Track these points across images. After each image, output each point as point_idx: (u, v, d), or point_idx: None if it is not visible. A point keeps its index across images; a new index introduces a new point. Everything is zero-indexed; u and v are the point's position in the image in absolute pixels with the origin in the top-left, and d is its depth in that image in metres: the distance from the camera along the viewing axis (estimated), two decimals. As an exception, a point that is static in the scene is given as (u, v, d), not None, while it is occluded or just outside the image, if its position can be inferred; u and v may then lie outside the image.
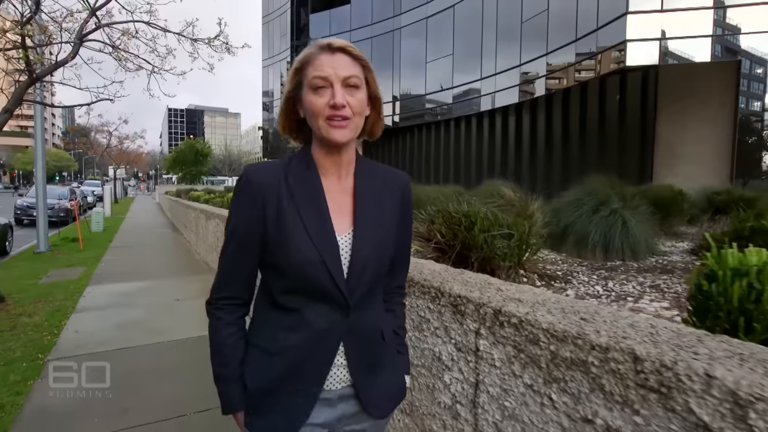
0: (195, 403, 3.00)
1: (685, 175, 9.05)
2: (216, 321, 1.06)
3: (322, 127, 0.98)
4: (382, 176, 1.14)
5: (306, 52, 1.03)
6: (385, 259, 1.09)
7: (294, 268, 0.98)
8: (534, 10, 12.24)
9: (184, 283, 6.64)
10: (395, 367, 1.16)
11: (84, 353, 3.87)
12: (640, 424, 1.05)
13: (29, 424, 2.76)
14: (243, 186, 1.02)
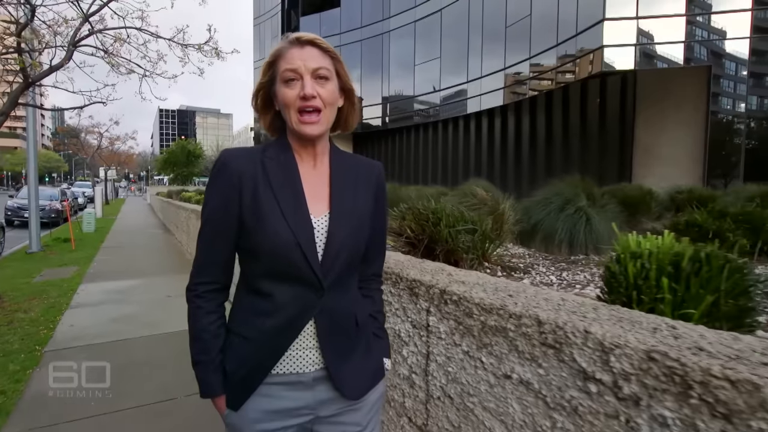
0: (185, 388, 3.23)
1: (661, 175, 9.40)
2: (196, 309, 1.08)
3: (294, 121, 1.02)
4: (356, 164, 1.17)
5: (277, 47, 1.07)
6: (360, 243, 1.11)
7: (269, 250, 1.00)
8: (518, 16, 12.58)
9: (175, 281, 6.83)
10: (371, 351, 1.18)
11: (80, 344, 4.08)
12: (543, 375, 1.31)
13: (30, 408, 2.97)
14: (219, 170, 1.04)
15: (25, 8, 5.12)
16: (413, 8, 17.53)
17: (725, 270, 1.38)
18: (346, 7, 22.00)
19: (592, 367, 1.17)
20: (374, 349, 1.20)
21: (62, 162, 79.15)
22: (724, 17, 8.97)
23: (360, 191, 1.14)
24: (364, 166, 1.18)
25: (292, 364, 1.05)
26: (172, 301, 5.63)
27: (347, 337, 1.11)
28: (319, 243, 1.04)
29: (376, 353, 1.20)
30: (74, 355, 3.85)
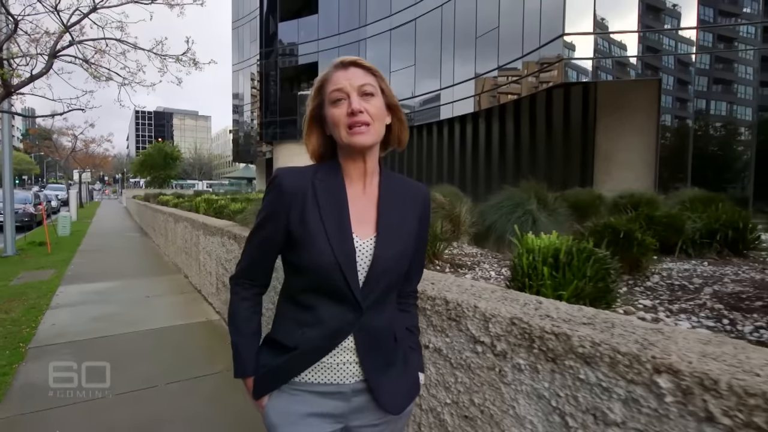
0: (165, 377, 3.53)
1: (619, 180, 10.05)
2: (234, 296, 1.19)
3: (343, 134, 1.06)
4: (404, 187, 1.21)
5: (323, 73, 1.12)
6: (403, 265, 1.16)
7: (311, 269, 1.06)
8: (487, 27, 13.14)
9: (153, 283, 7.05)
10: (407, 365, 1.22)
11: (62, 341, 4.32)
12: (449, 343, 1.69)
13: (17, 397, 3.22)
14: (273, 186, 1.10)
15: (8, 22, 5.33)
16: (389, 17, 18.05)
17: (590, 261, 1.80)
18: (324, 14, 22.40)
19: (479, 333, 1.55)
20: (410, 362, 1.24)
21: (33, 164, 77.10)
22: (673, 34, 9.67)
23: (406, 214, 1.17)
24: (412, 188, 1.22)
25: (332, 375, 1.10)
26: (151, 301, 5.87)
27: (386, 352, 1.15)
28: (363, 264, 1.08)
29: (412, 367, 1.25)
30: (57, 350, 4.10)
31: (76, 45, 6.11)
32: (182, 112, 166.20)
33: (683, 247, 4.22)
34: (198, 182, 72.33)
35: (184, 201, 10.87)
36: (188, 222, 7.23)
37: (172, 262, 8.84)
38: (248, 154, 34.77)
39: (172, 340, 4.45)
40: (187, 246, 7.36)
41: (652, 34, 9.60)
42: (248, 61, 31.21)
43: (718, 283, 3.21)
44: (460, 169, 15.85)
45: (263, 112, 27.69)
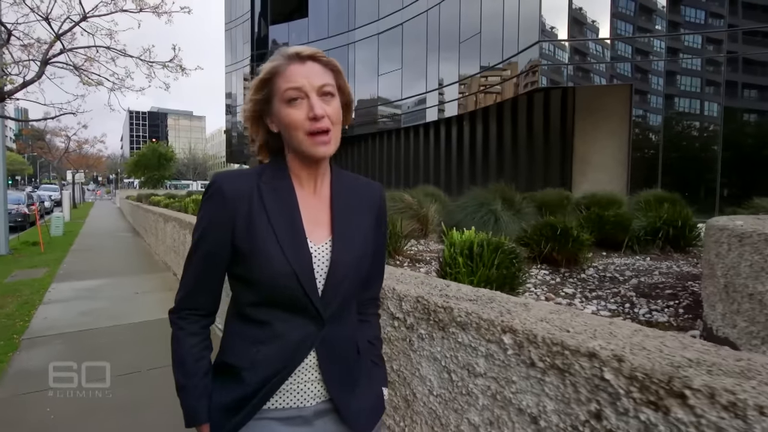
0: (147, 363, 3.85)
1: (594, 181, 10.44)
2: (179, 331, 1.03)
3: (304, 141, 0.95)
4: (357, 186, 1.12)
5: (274, 63, 0.98)
6: (363, 269, 1.06)
7: (265, 281, 0.95)
8: (470, 32, 13.54)
9: (143, 280, 7.34)
10: (371, 381, 1.13)
11: (54, 333, 4.62)
12: (384, 318, 2.01)
13: (13, 381, 3.52)
14: (212, 194, 0.98)
15: (1, 32, 5.61)
16: (376, 21, 18.49)
17: (497, 252, 2.13)
18: (314, 18, 22.84)
19: (395, 310, 1.88)
20: (374, 378, 1.15)
21: (26, 164, 76.90)
22: (644, 41, 10.08)
23: (362, 215, 1.08)
24: (365, 187, 1.13)
25: (291, 397, 0.99)
26: (139, 298, 6.17)
27: (350, 367, 1.06)
28: (320, 272, 0.99)
29: (376, 382, 1.15)
30: (48, 341, 4.40)
31: (67, 53, 6.40)
32: (177, 113, 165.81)
33: (629, 244, 4.59)
34: (192, 182, 72.28)
35: (175, 201, 11.14)
36: (176, 222, 7.52)
37: (162, 261, 9.12)
38: (241, 155, 35.04)
39: (157, 332, 4.75)
40: (175, 245, 7.65)
41: (623, 41, 10.02)
42: (241, 62, 31.49)
43: (645, 276, 3.59)
44: (445, 171, 16.25)
45: (255, 114, 27.94)
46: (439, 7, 15.14)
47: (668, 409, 1.00)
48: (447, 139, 16.25)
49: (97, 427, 2.85)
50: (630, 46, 10.15)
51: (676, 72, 9.96)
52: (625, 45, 10.15)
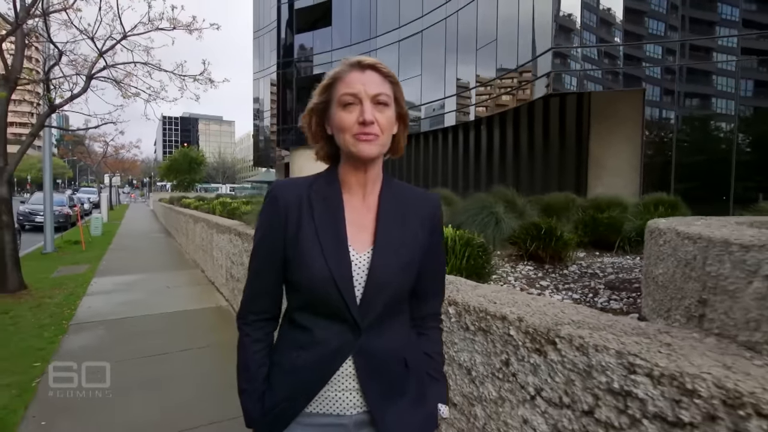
0: (176, 346, 4.35)
1: (609, 185, 10.55)
2: (245, 337, 1.08)
3: (349, 141, 0.98)
4: (408, 197, 1.11)
5: (336, 69, 1.03)
6: (406, 280, 1.05)
7: (305, 285, 0.99)
8: (486, 39, 13.82)
9: (174, 276, 7.95)
10: (422, 395, 1.09)
11: (97, 320, 5.20)
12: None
13: (64, 356, 4.07)
14: (269, 202, 1.04)
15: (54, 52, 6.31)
16: (397, 29, 18.98)
17: (467, 246, 2.50)
18: (338, 26, 23.55)
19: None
20: (428, 393, 1.12)
21: (67, 168, 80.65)
22: (656, 46, 10.17)
23: (410, 225, 1.07)
24: (418, 198, 1.12)
25: (331, 405, 1.02)
26: (170, 291, 6.74)
27: (393, 379, 1.04)
28: (359, 280, 0.99)
29: (431, 398, 1.13)
30: (93, 327, 4.97)
31: (109, 68, 7.06)
32: (207, 118, 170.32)
33: (621, 244, 4.85)
34: (221, 186, 74.11)
35: (204, 204, 11.81)
36: (205, 222, 8.11)
37: (191, 259, 9.76)
38: (268, 159, 36.05)
39: (186, 320, 5.28)
40: (203, 244, 8.25)
41: (635, 46, 10.13)
42: (268, 69, 32.48)
43: (625, 273, 3.88)
44: (463, 174, 16.52)
45: (280, 119, 28.88)
46: (457, 15, 15.48)
47: (546, 353, 1.36)
48: (465, 144, 16.54)
49: (138, 395, 3.34)
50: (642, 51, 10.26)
51: (688, 77, 10.00)
52: (638, 50, 10.26)
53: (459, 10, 15.36)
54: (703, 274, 1.35)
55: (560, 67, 10.52)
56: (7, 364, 3.87)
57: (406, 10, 18.69)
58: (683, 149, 9.93)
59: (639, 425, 1.09)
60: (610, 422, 1.17)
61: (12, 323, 5.10)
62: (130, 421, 2.94)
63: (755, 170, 9.20)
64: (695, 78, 9.92)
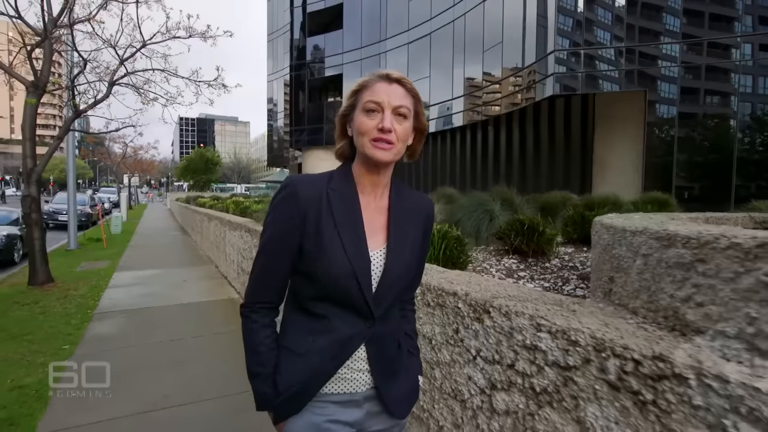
0: (191, 332, 4.73)
1: (612, 184, 10.70)
2: (253, 324, 1.12)
3: (366, 145, 1.05)
4: (412, 199, 1.21)
5: (365, 78, 1.10)
6: (411, 275, 1.19)
7: (327, 279, 1.04)
8: (492, 42, 14.04)
9: (190, 271, 8.38)
10: (409, 370, 1.25)
11: (118, 310, 5.62)
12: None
13: (90, 342, 4.48)
14: (286, 196, 1.08)
15: (79, 61, 6.78)
16: (406, 31, 19.30)
17: (445, 238, 2.81)
18: (348, 29, 23.98)
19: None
20: (411, 366, 1.27)
21: (87, 169, 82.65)
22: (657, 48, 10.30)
23: (413, 227, 1.18)
24: (419, 201, 1.23)
25: (346, 385, 1.12)
26: (186, 285, 7.16)
27: (392, 360, 1.18)
28: (374, 275, 1.08)
29: (413, 371, 1.27)
30: (114, 315, 5.39)
31: (129, 75, 7.52)
32: (223, 118, 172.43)
33: (608, 240, 5.07)
34: (237, 186, 74.98)
35: (218, 203, 12.27)
36: (218, 220, 8.53)
37: (206, 255, 10.20)
38: (282, 159, 36.64)
39: (200, 310, 5.68)
40: (217, 240, 8.67)
41: (636, 48, 10.28)
42: (282, 71, 33.03)
43: (603, 266, 4.09)
44: (471, 174, 16.76)
45: (293, 120, 29.41)
46: (464, 18, 15.72)
47: (483, 321, 1.67)
48: (472, 144, 16.77)
49: (157, 372, 3.72)
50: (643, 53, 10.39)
51: (689, 78, 10.11)
52: (639, 52, 10.40)
53: (466, 13, 15.61)
54: (611, 257, 1.65)
55: (562, 69, 10.71)
56: (40, 346, 4.30)
57: (414, 13, 19.00)
58: (684, 149, 10.05)
59: (543, 372, 1.40)
60: (525, 372, 1.47)
61: (42, 312, 5.55)
62: (152, 391, 3.32)
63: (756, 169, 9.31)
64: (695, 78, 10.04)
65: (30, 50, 6.71)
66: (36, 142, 6.90)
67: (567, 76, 10.67)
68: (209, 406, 3.16)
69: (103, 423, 2.89)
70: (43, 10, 6.56)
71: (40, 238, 7.06)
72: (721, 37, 9.88)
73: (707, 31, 9.95)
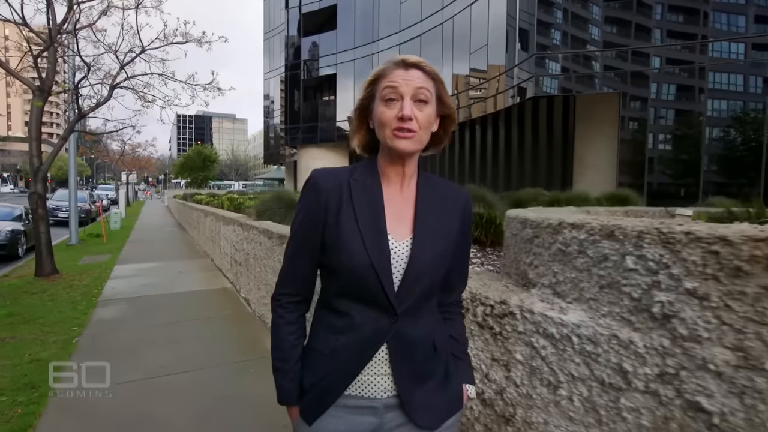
0: (185, 317, 5.23)
1: (591, 182, 11.24)
2: (279, 318, 1.12)
3: (388, 136, 1.01)
4: (444, 189, 1.15)
5: (381, 67, 1.06)
6: (442, 269, 1.09)
7: (344, 271, 1.01)
8: (478, 44, 14.55)
9: (186, 264, 8.86)
10: (449, 377, 1.14)
11: (120, 298, 6.10)
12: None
13: (96, 324, 4.96)
14: (309, 189, 1.07)
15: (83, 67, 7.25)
16: (398, 33, 19.85)
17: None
18: (342, 30, 24.52)
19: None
20: (454, 374, 1.17)
21: (85, 166, 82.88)
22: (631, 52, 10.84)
23: (446, 216, 1.11)
24: (452, 191, 1.16)
25: (364, 387, 1.06)
26: (183, 276, 7.64)
27: (423, 363, 1.09)
28: (398, 267, 1.02)
29: (456, 379, 1.17)
30: (117, 302, 5.86)
31: (129, 79, 7.99)
32: (221, 116, 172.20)
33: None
34: (234, 183, 75.09)
35: (214, 200, 12.74)
36: (213, 216, 9.00)
37: (202, 249, 10.68)
38: (278, 156, 37.09)
39: (195, 298, 6.16)
40: (212, 235, 9.15)
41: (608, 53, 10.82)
42: (278, 69, 33.46)
43: (553, 254, 4.59)
44: (459, 173, 17.32)
45: (289, 118, 29.88)
46: (453, 21, 16.22)
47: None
48: (461, 143, 17.32)
49: (157, 348, 4.22)
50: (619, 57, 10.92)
51: (660, 80, 10.64)
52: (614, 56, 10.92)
53: (454, 16, 16.12)
54: (510, 237, 2.15)
55: (542, 72, 11.23)
56: (51, 329, 4.78)
57: (406, 14, 19.51)
58: (655, 147, 10.60)
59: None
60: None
61: (50, 299, 6.03)
62: (151, 363, 3.81)
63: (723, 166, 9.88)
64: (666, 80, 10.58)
65: (36, 56, 7.16)
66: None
67: (546, 78, 11.18)
68: (200, 374, 3.66)
69: (109, 386, 3.36)
70: (48, 19, 7.02)
71: (46, 232, 7.53)
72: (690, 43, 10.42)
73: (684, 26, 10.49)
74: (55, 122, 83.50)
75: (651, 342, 1.12)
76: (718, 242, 0.99)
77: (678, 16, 10.58)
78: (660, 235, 1.11)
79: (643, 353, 1.14)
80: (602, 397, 1.25)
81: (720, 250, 0.98)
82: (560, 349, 1.38)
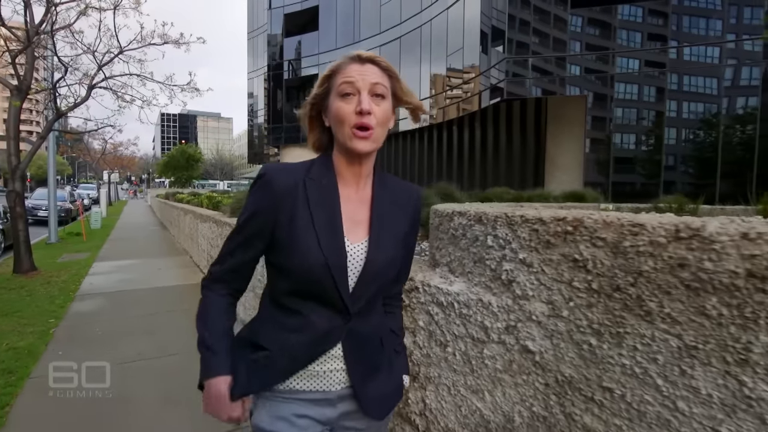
0: (163, 308, 5.46)
1: (560, 181, 11.70)
2: (209, 292, 1.10)
3: (347, 135, 0.99)
4: (397, 188, 1.16)
5: (336, 62, 1.05)
6: (394, 270, 1.12)
7: (300, 272, 1.00)
8: (455, 47, 14.97)
9: (165, 261, 9.04)
10: (392, 369, 1.20)
11: (98, 292, 6.29)
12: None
13: (73, 317, 5.16)
14: (262, 185, 1.03)
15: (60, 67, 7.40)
16: (378, 35, 20.18)
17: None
18: (324, 32, 24.81)
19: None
20: (396, 365, 1.22)
21: (66, 165, 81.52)
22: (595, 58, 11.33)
23: (399, 218, 1.13)
24: (405, 190, 1.18)
25: (319, 382, 1.07)
26: (162, 272, 7.83)
27: (373, 357, 1.13)
28: (353, 269, 1.03)
29: (397, 370, 1.23)
30: (94, 297, 6.06)
31: (107, 80, 8.15)
32: (206, 114, 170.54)
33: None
34: (219, 182, 74.55)
35: (195, 198, 12.90)
36: (192, 214, 9.19)
37: (182, 247, 10.84)
38: (262, 156, 37.14)
39: (172, 292, 6.38)
40: (191, 233, 9.34)
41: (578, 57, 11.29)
42: (261, 69, 33.52)
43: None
44: (437, 172, 17.71)
45: (271, 118, 30.01)
46: (430, 24, 16.60)
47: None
48: (438, 143, 17.73)
49: (135, 336, 4.45)
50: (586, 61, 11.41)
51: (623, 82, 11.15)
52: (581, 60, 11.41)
53: (432, 20, 16.52)
54: (431, 227, 2.46)
55: (514, 74, 11.66)
56: (29, 321, 4.98)
57: (386, 16, 19.87)
58: (618, 147, 11.12)
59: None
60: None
61: (28, 294, 6.20)
62: (128, 350, 4.05)
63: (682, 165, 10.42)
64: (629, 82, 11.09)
65: (14, 56, 7.29)
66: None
67: (517, 81, 11.61)
68: (174, 359, 3.91)
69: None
70: (26, 20, 7.15)
71: (25, 230, 7.66)
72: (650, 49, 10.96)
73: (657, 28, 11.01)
74: (35, 120, 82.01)
75: (501, 302, 1.44)
76: (538, 222, 1.31)
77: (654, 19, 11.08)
78: (506, 218, 1.42)
79: (497, 312, 1.45)
80: (473, 350, 1.56)
81: (539, 228, 1.30)
82: (447, 314, 1.69)
